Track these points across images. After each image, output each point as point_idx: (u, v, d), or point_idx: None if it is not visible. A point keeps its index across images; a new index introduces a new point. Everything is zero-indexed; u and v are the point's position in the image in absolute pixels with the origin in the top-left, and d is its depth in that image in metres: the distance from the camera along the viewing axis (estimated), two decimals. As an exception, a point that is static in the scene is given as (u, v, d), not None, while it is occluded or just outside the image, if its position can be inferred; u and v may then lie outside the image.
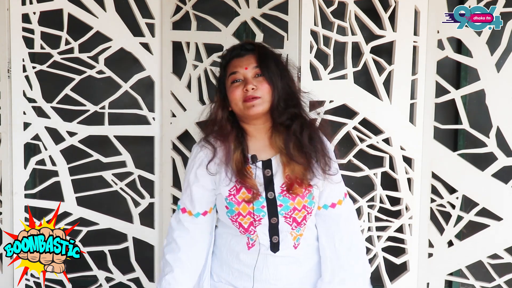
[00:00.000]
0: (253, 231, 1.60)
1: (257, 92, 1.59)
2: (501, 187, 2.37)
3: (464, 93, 2.38)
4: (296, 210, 1.59)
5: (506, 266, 2.45)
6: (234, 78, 1.62)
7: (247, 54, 1.65)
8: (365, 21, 2.30)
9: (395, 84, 2.31)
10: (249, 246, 1.63)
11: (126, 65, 2.48)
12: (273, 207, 1.58)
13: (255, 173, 1.59)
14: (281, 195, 1.58)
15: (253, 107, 1.59)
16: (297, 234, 1.63)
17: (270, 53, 1.67)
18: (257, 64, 1.62)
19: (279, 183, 1.59)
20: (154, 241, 2.48)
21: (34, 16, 2.37)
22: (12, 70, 2.38)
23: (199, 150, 1.68)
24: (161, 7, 2.36)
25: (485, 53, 2.32)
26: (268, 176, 1.60)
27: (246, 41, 1.74)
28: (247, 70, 1.61)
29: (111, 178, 2.47)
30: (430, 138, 2.37)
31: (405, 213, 2.38)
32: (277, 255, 1.62)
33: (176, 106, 2.39)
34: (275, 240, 1.61)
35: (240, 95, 1.60)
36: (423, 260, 2.42)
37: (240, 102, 1.61)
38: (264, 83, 1.60)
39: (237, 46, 1.70)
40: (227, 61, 1.69)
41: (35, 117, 2.42)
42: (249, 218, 1.59)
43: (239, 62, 1.63)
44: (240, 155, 1.61)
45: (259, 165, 1.61)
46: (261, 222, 1.59)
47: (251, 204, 1.57)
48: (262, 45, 1.71)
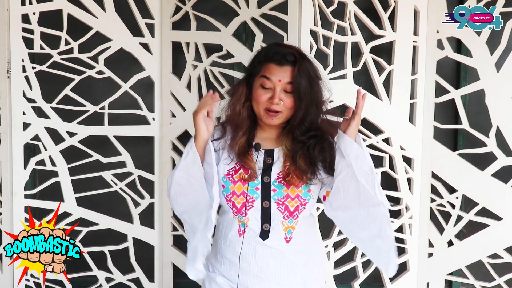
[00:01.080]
0: (245, 213, 1.62)
1: (280, 107, 1.59)
2: (501, 186, 2.37)
3: (464, 93, 2.38)
4: (289, 197, 1.61)
5: (506, 266, 2.45)
6: (264, 84, 1.60)
7: (287, 65, 1.60)
8: (364, 21, 2.30)
9: (394, 84, 2.32)
10: (240, 233, 1.63)
11: (126, 65, 2.48)
12: (266, 190, 1.60)
13: (256, 158, 1.62)
14: (276, 181, 1.60)
15: (271, 120, 1.61)
16: (288, 225, 1.62)
17: (307, 70, 1.61)
18: (290, 80, 1.58)
19: (277, 170, 1.61)
20: (154, 241, 2.48)
21: (33, 16, 2.37)
22: (12, 70, 2.38)
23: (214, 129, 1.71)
24: (161, 7, 2.36)
25: (485, 52, 2.32)
26: (268, 163, 1.63)
27: (289, 49, 1.62)
28: (280, 82, 1.58)
29: (111, 179, 2.47)
30: (430, 138, 2.37)
31: (405, 213, 2.38)
32: (266, 243, 1.61)
33: (176, 106, 2.39)
34: (266, 227, 1.62)
35: (265, 102, 1.60)
36: (423, 260, 2.42)
37: (262, 108, 1.61)
38: (291, 99, 1.59)
39: (280, 52, 1.62)
40: (265, 60, 1.63)
41: (35, 117, 2.42)
42: (242, 198, 1.61)
43: (276, 71, 1.59)
44: (245, 141, 1.64)
45: (262, 153, 1.64)
46: (254, 204, 1.61)
47: (246, 184, 1.60)
48: (303, 59, 1.62)
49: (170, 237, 2.45)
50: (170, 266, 2.48)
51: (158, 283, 2.50)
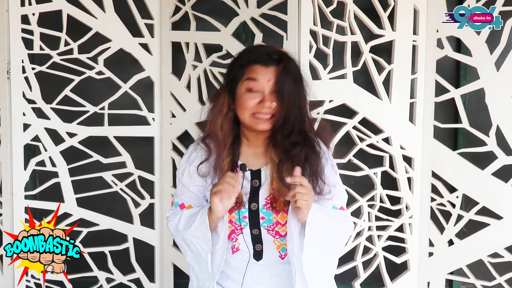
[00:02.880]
0: (235, 239, 1.56)
1: (273, 110, 1.48)
2: (501, 186, 2.36)
3: (464, 92, 2.38)
4: (279, 224, 1.53)
5: (506, 265, 2.44)
6: (252, 87, 1.49)
7: (272, 65, 1.49)
8: (364, 20, 2.30)
9: (394, 83, 2.32)
10: (234, 251, 1.58)
11: (126, 65, 2.48)
12: (255, 218, 1.52)
13: (241, 182, 1.47)
14: (264, 207, 1.52)
15: (263, 125, 1.49)
16: (281, 243, 1.57)
17: (292, 70, 1.51)
18: (275, 79, 1.48)
19: (264, 195, 1.52)
20: (155, 241, 2.48)
21: (33, 17, 2.37)
22: (12, 71, 2.38)
23: (193, 149, 1.61)
24: (160, 7, 2.36)
25: (485, 51, 2.32)
26: (255, 187, 1.53)
27: (273, 48, 1.53)
28: (269, 83, 1.48)
29: (111, 179, 2.47)
30: (430, 137, 2.37)
31: (405, 212, 2.38)
32: (261, 263, 1.57)
33: (175, 107, 2.39)
34: (258, 248, 1.56)
35: (253, 107, 1.48)
36: (423, 259, 2.42)
37: (248, 115, 1.49)
38: (275, 101, 1.49)
39: (265, 52, 1.52)
40: (249, 62, 1.52)
41: (34, 118, 2.42)
42: (230, 226, 1.53)
43: (263, 71, 1.49)
44: (229, 163, 1.52)
45: (247, 175, 1.53)
46: (243, 231, 1.55)
47: (233, 213, 1.51)
48: (288, 58, 1.53)
49: (170, 237, 2.45)
50: (171, 266, 2.48)
51: (158, 283, 2.50)
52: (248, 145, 1.58)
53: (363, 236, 2.39)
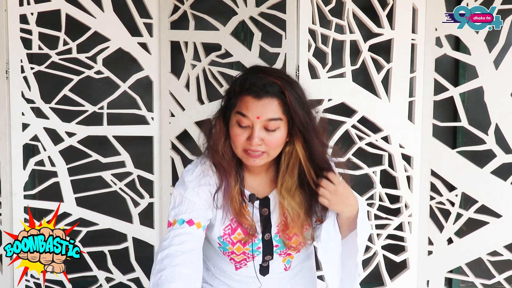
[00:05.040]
0: (245, 264, 1.50)
1: (261, 147, 1.34)
2: (500, 184, 2.37)
3: (463, 90, 2.38)
4: (292, 247, 1.48)
5: (505, 263, 2.45)
6: (241, 122, 1.34)
7: (267, 97, 1.32)
8: (363, 19, 2.30)
9: (393, 82, 2.32)
10: (237, 267, 1.52)
11: (125, 65, 2.47)
12: (268, 247, 1.46)
13: (252, 211, 1.41)
14: (277, 235, 1.45)
15: (253, 161, 1.36)
16: (286, 257, 1.53)
17: (299, 98, 1.35)
18: (277, 116, 1.33)
19: (275, 223, 1.45)
20: (154, 241, 2.48)
21: (31, 16, 2.37)
22: (10, 71, 2.38)
23: (202, 174, 1.44)
24: (159, 7, 2.36)
25: (483, 50, 2.32)
26: (265, 216, 1.44)
27: (271, 78, 1.34)
28: (258, 119, 1.31)
29: (110, 178, 2.47)
30: (429, 136, 2.37)
31: (405, 211, 2.39)
32: (266, 277, 1.53)
33: (174, 106, 2.39)
34: (264, 264, 1.51)
35: (242, 143, 1.35)
36: (423, 257, 2.42)
37: (240, 150, 1.36)
38: (276, 135, 1.34)
39: (258, 82, 1.33)
40: (241, 92, 1.36)
41: (33, 118, 2.42)
42: (242, 256, 1.47)
43: (253, 106, 1.32)
44: (238, 192, 1.41)
45: (256, 204, 1.44)
46: (255, 259, 1.49)
47: (246, 246, 1.44)
48: (291, 86, 1.35)
49: (170, 236, 2.45)
50: (170, 266, 2.47)
51: (158, 282, 2.50)
52: (252, 174, 1.47)
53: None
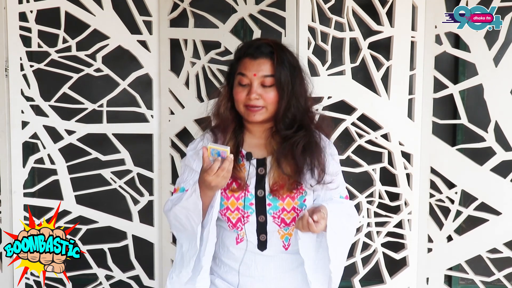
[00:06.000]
0: (241, 228, 1.59)
1: (259, 101, 1.54)
2: (500, 181, 2.37)
3: (462, 88, 2.38)
4: (285, 211, 1.57)
5: (505, 261, 2.45)
6: (241, 81, 1.56)
7: (261, 57, 1.55)
8: (362, 16, 2.29)
9: (393, 80, 2.31)
10: (238, 241, 1.61)
11: (124, 63, 2.47)
12: (261, 205, 1.57)
13: (248, 169, 1.57)
14: (270, 194, 1.56)
15: (254, 116, 1.55)
16: (285, 233, 1.60)
17: (287, 59, 1.57)
18: (270, 73, 1.54)
19: (270, 182, 1.57)
20: (154, 238, 2.49)
21: (31, 14, 2.36)
22: (10, 68, 2.38)
23: (200, 140, 1.68)
24: (159, 4, 2.36)
25: (483, 47, 2.31)
26: (261, 174, 1.58)
27: (264, 41, 1.59)
28: (255, 76, 1.54)
29: (110, 176, 2.47)
30: (429, 133, 2.37)
31: (404, 208, 2.39)
32: (265, 254, 1.60)
33: (174, 104, 2.39)
34: (262, 238, 1.59)
35: (243, 99, 1.55)
36: (422, 255, 2.43)
37: (242, 105, 1.57)
38: (272, 92, 1.54)
39: (253, 45, 1.59)
40: (240, 57, 1.59)
41: (33, 115, 2.42)
42: (237, 213, 1.57)
43: (250, 65, 1.55)
44: (233, 146, 1.58)
45: (254, 163, 1.59)
46: (249, 219, 1.57)
47: (239, 200, 1.56)
48: (280, 49, 1.58)
49: (169, 234, 2.45)
50: (170, 263, 2.48)
51: (158, 280, 2.51)
52: (251, 136, 1.64)
53: (362, 232, 2.39)
